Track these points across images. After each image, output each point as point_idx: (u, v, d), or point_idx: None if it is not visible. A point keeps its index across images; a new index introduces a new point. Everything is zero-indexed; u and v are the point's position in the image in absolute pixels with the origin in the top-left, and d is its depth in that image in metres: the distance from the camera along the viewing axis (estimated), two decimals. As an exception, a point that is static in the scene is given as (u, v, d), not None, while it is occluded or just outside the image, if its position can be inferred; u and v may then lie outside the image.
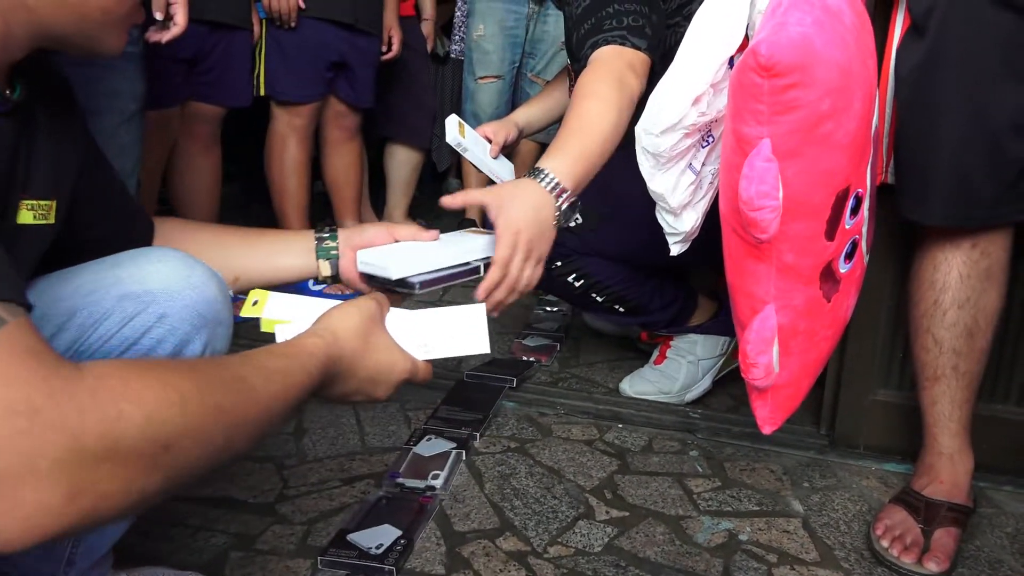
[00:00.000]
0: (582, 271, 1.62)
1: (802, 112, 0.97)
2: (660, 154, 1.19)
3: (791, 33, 0.96)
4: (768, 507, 1.34)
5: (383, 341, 0.86)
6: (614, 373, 1.86)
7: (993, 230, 1.19)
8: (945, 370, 1.23)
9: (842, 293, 1.13)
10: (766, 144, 0.98)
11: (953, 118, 1.14)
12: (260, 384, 0.66)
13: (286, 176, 2.41)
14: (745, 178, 0.99)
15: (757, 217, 1.00)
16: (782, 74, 0.95)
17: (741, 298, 1.12)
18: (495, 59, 2.82)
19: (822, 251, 1.06)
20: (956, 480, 1.24)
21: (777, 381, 1.12)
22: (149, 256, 0.88)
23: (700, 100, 1.14)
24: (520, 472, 1.42)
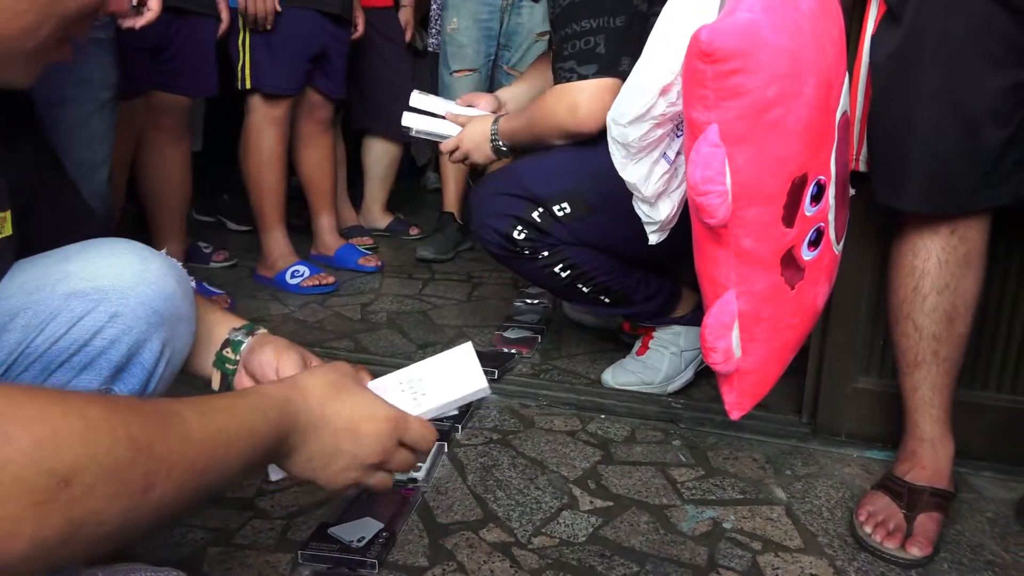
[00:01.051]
0: (568, 261, 1.61)
1: (748, 98, 0.98)
2: (629, 144, 1.19)
3: (737, 19, 0.97)
4: (752, 495, 1.34)
5: (358, 391, 0.74)
6: (596, 364, 1.86)
7: (971, 216, 1.20)
8: (925, 356, 1.24)
9: (808, 281, 1.13)
10: (713, 129, 0.98)
11: (929, 104, 1.14)
12: (193, 419, 0.55)
13: (263, 170, 2.38)
14: (691, 163, 1.00)
15: (703, 202, 1.01)
16: (724, 60, 0.96)
17: (706, 283, 1.13)
18: (470, 52, 2.82)
19: (781, 237, 1.07)
20: (938, 465, 1.25)
21: (742, 367, 1.12)
22: (99, 249, 0.81)
23: (669, 90, 1.14)
24: (503, 463, 1.41)
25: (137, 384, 0.81)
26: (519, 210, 1.58)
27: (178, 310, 0.82)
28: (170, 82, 2.12)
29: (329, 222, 2.69)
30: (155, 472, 0.50)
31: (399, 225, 3.09)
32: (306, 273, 2.39)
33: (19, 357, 0.77)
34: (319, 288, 2.37)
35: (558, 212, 1.57)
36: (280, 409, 0.65)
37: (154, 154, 2.17)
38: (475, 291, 2.44)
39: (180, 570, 1.05)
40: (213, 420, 0.57)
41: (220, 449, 0.56)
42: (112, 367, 0.79)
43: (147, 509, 0.50)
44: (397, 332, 2.07)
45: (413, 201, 3.69)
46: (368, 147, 3.02)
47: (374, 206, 3.10)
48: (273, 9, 2.21)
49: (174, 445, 0.52)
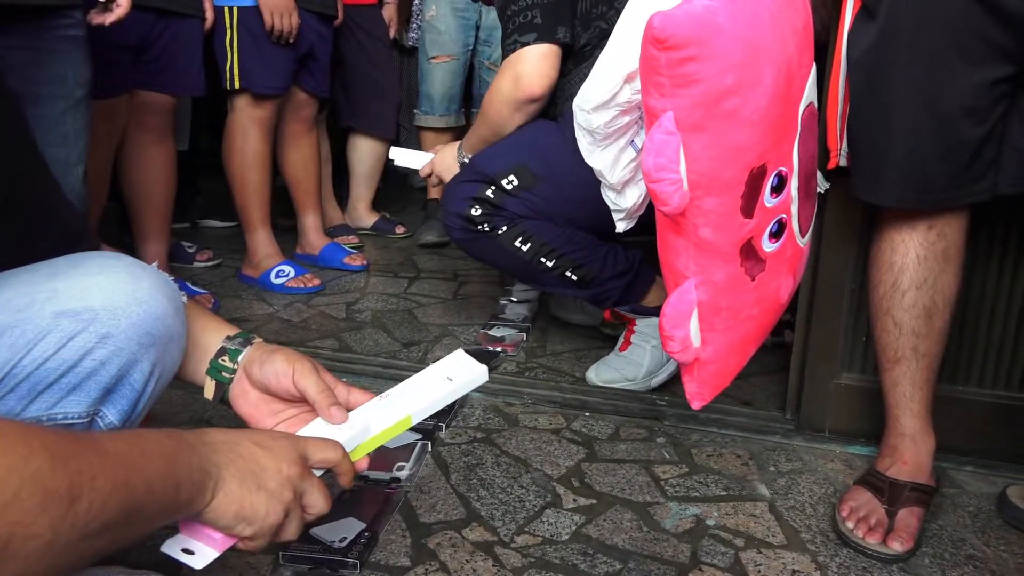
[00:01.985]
0: (527, 233, 1.64)
1: (703, 86, 0.97)
2: (595, 131, 1.19)
3: (693, 7, 0.96)
4: (735, 492, 1.34)
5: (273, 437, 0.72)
6: (581, 362, 1.86)
7: (949, 212, 1.20)
8: (905, 351, 1.24)
9: (769, 273, 1.13)
10: (668, 117, 0.98)
11: (905, 101, 1.14)
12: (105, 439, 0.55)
13: (247, 169, 2.37)
14: (646, 150, 1.00)
15: (657, 189, 1.00)
16: (677, 47, 0.95)
17: (667, 272, 1.13)
18: (447, 39, 2.89)
19: (739, 228, 1.06)
20: (919, 460, 1.25)
21: (702, 356, 1.12)
22: (88, 266, 0.79)
23: (634, 77, 1.13)
24: (486, 462, 1.41)
25: (127, 405, 0.80)
26: (473, 191, 1.65)
27: (169, 330, 0.80)
28: (154, 81, 2.10)
29: (314, 221, 2.68)
30: (78, 483, 0.49)
31: (385, 224, 3.08)
32: (291, 273, 2.38)
33: (5, 377, 0.74)
34: (304, 289, 2.36)
35: (507, 186, 1.63)
36: (191, 435, 0.64)
37: (138, 153, 2.15)
38: (461, 289, 2.44)
39: (159, 572, 1.04)
40: (124, 439, 0.56)
41: (138, 462, 0.55)
42: (101, 388, 0.77)
43: (76, 521, 0.48)
44: (382, 331, 2.06)
45: (399, 200, 3.68)
46: (353, 145, 3.01)
47: (359, 205, 3.09)
48: (297, 24, 2.22)
49: (91, 458, 0.51)
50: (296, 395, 0.85)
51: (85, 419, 0.78)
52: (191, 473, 0.61)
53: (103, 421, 0.80)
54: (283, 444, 0.71)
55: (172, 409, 1.53)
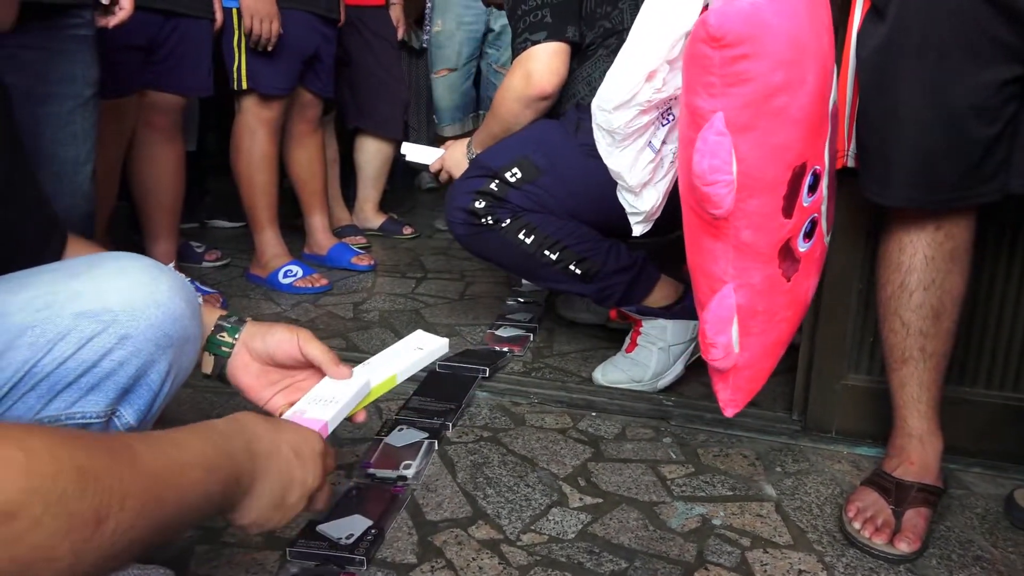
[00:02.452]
0: (531, 226, 1.63)
1: (754, 84, 0.96)
2: (615, 131, 1.18)
3: (741, 4, 0.96)
4: (741, 492, 1.34)
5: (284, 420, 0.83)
6: (587, 363, 1.86)
7: (957, 212, 1.20)
8: (913, 352, 1.24)
9: (802, 273, 1.13)
10: (719, 117, 0.97)
11: (914, 100, 1.14)
12: (143, 449, 0.53)
13: (255, 170, 2.38)
14: (698, 152, 0.98)
15: (711, 192, 0.99)
16: (732, 44, 0.94)
17: (700, 278, 1.11)
18: (449, 53, 3.00)
19: (780, 228, 1.06)
20: (926, 461, 1.25)
21: (738, 362, 1.11)
22: (108, 266, 0.81)
23: (655, 76, 1.13)
24: (493, 461, 1.41)
25: (143, 405, 0.82)
26: (478, 185, 1.66)
27: (186, 331, 0.82)
28: (163, 81, 2.11)
29: (321, 221, 2.68)
30: (106, 504, 0.47)
31: (392, 225, 3.09)
32: (299, 273, 2.39)
33: (25, 376, 0.75)
34: (311, 289, 2.36)
35: (511, 179, 1.64)
36: (232, 438, 0.65)
37: (147, 153, 2.16)
38: (468, 290, 2.44)
39: (168, 568, 1.05)
40: (163, 451, 0.55)
41: (174, 478, 0.55)
42: (119, 389, 0.79)
43: (102, 543, 0.47)
44: (389, 331, 2.07)
45: (406, 201, 3.68)
46: (361, 146, 3.02)
47: (367, 205, 3.09)
48: (278, 31, 2.22)
49: (125, 474, 0.49)
50: (300, 361, 0.94)
51: (102, 418, 0.79)
52: (227, 486, 0.63)
53: (120, 421, 0.81)
54: (313, 452, 0.76)
55: (181, 407, 1.54)
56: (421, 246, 2.96)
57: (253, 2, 2.17)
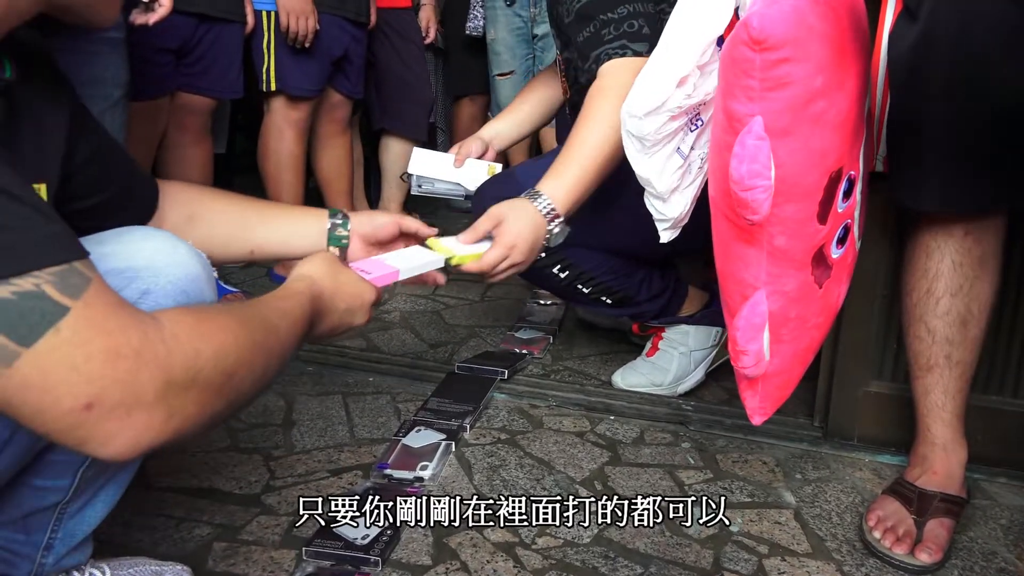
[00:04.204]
0: (566, 261, 1.60)
1: (795, 88, 0.95)
2: (645, 137, 1.17)
3: (783, 6, 0.93)
4: (760, 498, 1.33)
5: (349, 277, 0.98)
6: (607, 366, 1.85)
7: (986, 218, 1.18)
8: (938, 359, 1.22)
9: (834, 279, 1.11)
10: (758, 122, 0.95)
11: (947, 102, 1.12)
12: (279, 322, 0.80)
13: (282, 169, 2.40)
14: (736, 157, 0.96)
15: (748, 197, 0.97)
16: (774, 47, 0.92)
17: (731, 284, 1.10)
18: (507, 58, 3.20)
19: (814, 235, 1.04)
20: (949, 471, 1.23)
21: (768, 370, 1.09)
22: (134, 234, 0.89)
23: (686, 82, 1.12)
24: (510, 463, 1.41)
25: None
26: None
27: (202, 292, 0.89)
28: (195, 83, 2.14)
29: (346, 222, 2.70)
30: (266, 362, 0.76)
31: None
32: (321, 272, 2.40)
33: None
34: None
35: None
36: (311, 304, 0.88)
37: (176, 154, 2.19)
38: (488, 291, 2.44)
39: (185, 565, 1.06)
40: (286, 320, 0.81)
41: (292, 338, 0.82)
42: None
43: (261, 384, 0.76)
44: (409, 331, 2.07)
45: (430, 202, 3.69)
46: (386, 147, 3.03)
47: (391, 206, 3.10)
48: (314, 28, 2.24)
49: (273, 342, 0.77)
50: (397, 236, 1.20)
51: None
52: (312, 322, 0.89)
53: None
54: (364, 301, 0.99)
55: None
56: (443, 247, 2.96)
57: (290, 0, 2.19)
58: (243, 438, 1.47)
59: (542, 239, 1.27)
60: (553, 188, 1.28)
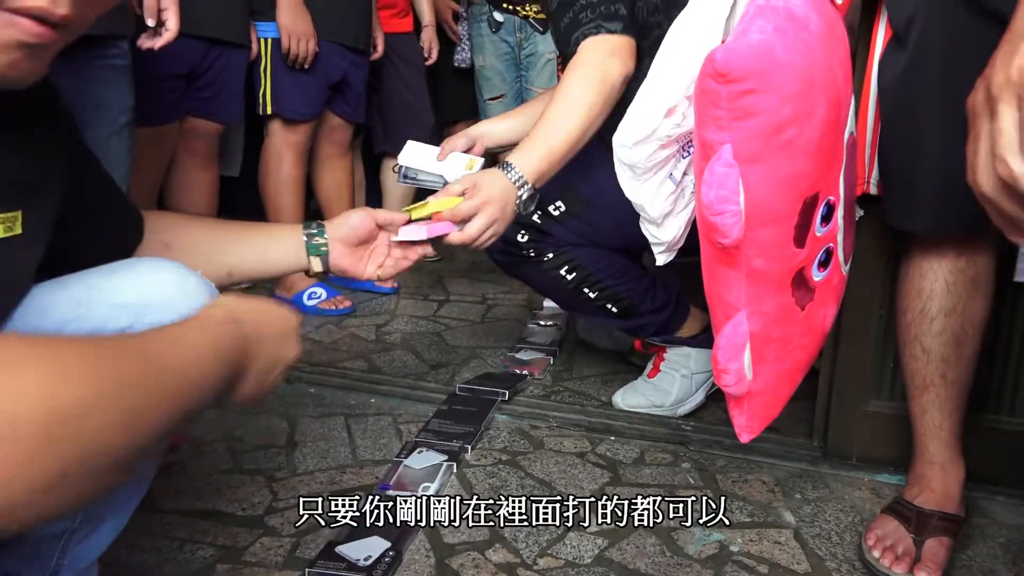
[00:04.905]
0: (574, 262, 1.61)
1: (762, 118, 0.98)
2: (635, 165, 1.20)
3: (750, 40, 0.98)
4: (760, 518, 1.34)
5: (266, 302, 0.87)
6: (607, 387, 1.86)
7: (978, 239, 1.20)
8: (934, 379, 1.23)
9: (817, 302, 1.13)
10: (727, 149, 0.99)
11: (937, 126, 1.14)
12: (168, 348, 0.61)
13: (281, 192, 2.43)
14: (706, 183, 1.00)
15: (718, 222, 1.01)
16: (738, 80, 0.96)
17: (716, 304, 1.12)
18: (497, 82, 3.30)
19: (792, 258, 1.07)
20: (947, 489, 1.24)
21: (752, 388, 1.12)
22: (143, 265, 0.89)
23: (674, 112, 1.15)
24: (511, 484, 1.42)
25: None
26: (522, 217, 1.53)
27: None
28: (203, 108, 2.17)
29: (346, 244, 2.72)
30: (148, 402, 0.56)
31: None
32: (323, 295, 2.42)
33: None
34: (335, 311, 2.40)
35: (554, 212, 1.59)
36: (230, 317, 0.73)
37: (183, 177, 2.22)
38: (489, 312, 2.46)
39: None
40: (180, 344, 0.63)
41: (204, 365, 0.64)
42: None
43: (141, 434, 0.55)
44: (411, 353, 2.09)
45: (431, 223, 3.72)
46: (387, 169, 3.06)
47: (391, 228, 3.13)
48: (315, 50, 2.28)
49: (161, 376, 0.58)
50: (374, 227, 1.18)
51: None
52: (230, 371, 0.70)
53: None
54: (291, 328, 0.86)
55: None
56: (444, 268, 2.98)
57: (290, 22, 2.24)
58: (246, 459, 1.48)
59: (513, 202, 1.31)
60: (521, 160, 1.33)
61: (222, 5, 2.10)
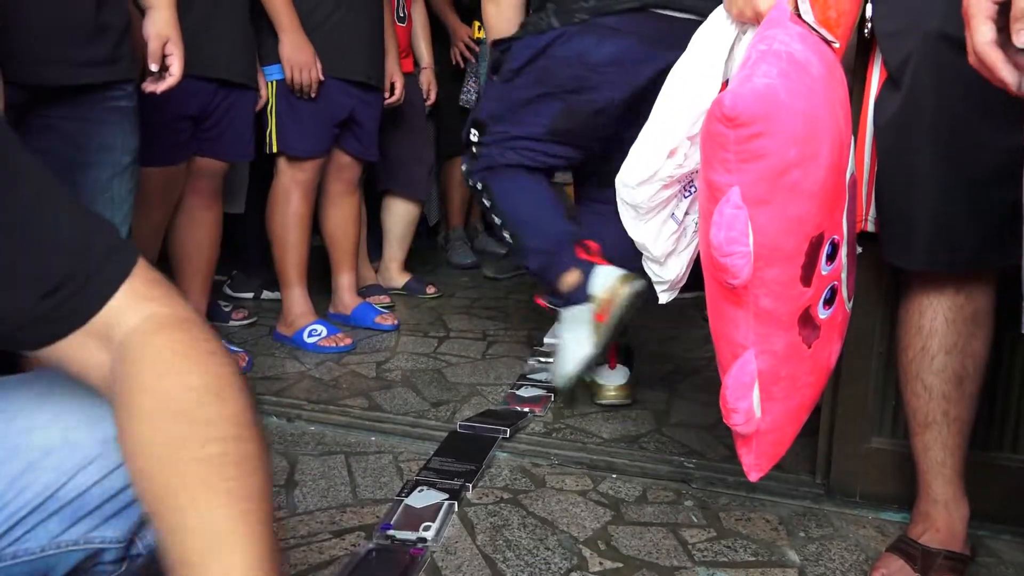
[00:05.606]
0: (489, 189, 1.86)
1: (769, 160, 0.99)
2: (639, 205, 1.21)
3: (756, 84, 0.99)
4: (764, 557, 1.33)
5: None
6: (608, 423, 1.86)
7: (977, 275, 1.20)
8: (936, 416, 1.23)
9: (823, 339, 1.14)
10: (735, 191, 1.00)
11: (933, 166, 1.16)
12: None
13: (288, 229, 2.45)
14: (715, 224, 1.01)
15: (728, 263, 1.02)
16: (747, 124, 0.98)
17: (722, 343, 1.13)
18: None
19: (799, 297, 1.07)
20: (952, 528, 1.23)
21: (760, 427, 1.11)
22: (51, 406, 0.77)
23: (676, 153, 1.17)
24: (513, 523, 1.41)
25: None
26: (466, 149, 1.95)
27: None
28: (209, 147, 2.20)
29: (349, 281, 2.73)
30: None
31: (416, 284, 3.13)
32: (323, 332, 2.43)
33: (47, 500, 0.74)
34: (335, 348, 2.40)
35: (474, 139, 1.89)
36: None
37: (187, 217, 2.23)
38: (489, 349, 2.46)
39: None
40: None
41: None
42: (141, 515, 0.77)
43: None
44: (411, 390, 2.08)
45: (430, 260, 3.73)
46: (388, 207, 3.09)
47: (392, 265, 3.15)
48: (317, 79, 2.32)
49: None
50: None
51: (122, 544, 0.78)
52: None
53: (142, 543, 0.79)
54: None
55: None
56: (444, 305, 2.99)
57: (292, 53, 2.27)
58: (246, 499, 1.47)
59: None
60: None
61: (231, 47, 2.13)
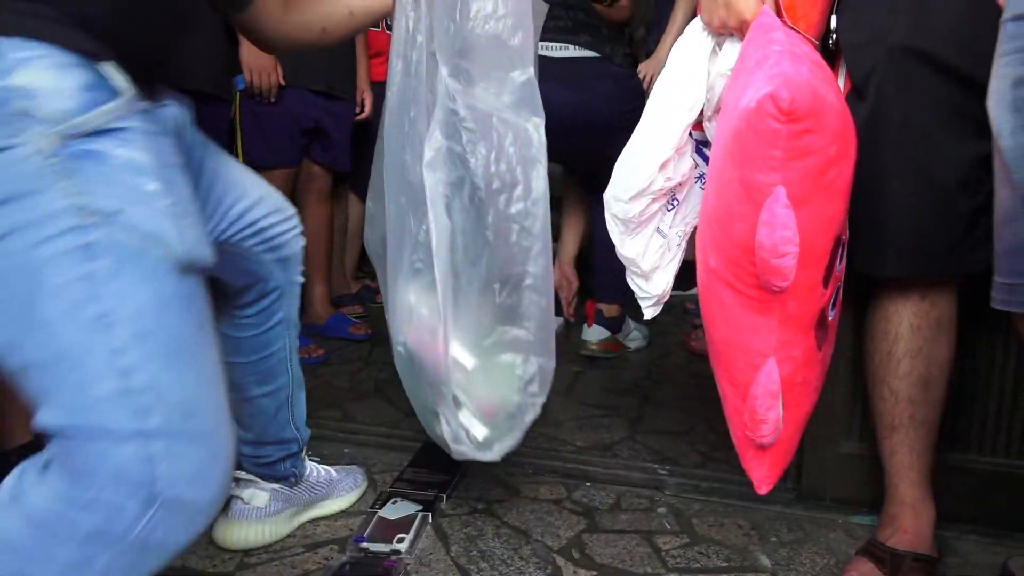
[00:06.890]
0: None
1: (814, 158, 0.97)
2: (630, 220, 1.20)
3: (799, 79, 0.96)
4: (736, 562, 1.34)
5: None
6: (581, 431, 1.86)
7: (941, 283, 1.23)
8: (902, 420, 1.25)
9: (828, 341, 1.13)
10: (781, 191, 0.97)
11: (899, 177, 1.18)
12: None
13: None
14: (766, 225, 0.98)
15: (780, 264, 0.98)
16: (801, 119, 0.95)
17: (736, 353, 1.09)
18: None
19: (820, 299, 1.05)
20: (919, 530, 1.25)
21: (779, 437, 1.10)
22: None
23: (667, 165, 1.16)
24: (487, 534, 1.40)
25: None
26: None
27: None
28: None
29: (321, 291, 2.71)
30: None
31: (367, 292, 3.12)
32: (296, 344, 2.41)
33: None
34: (308, 359, 2.38)
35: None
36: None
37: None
38: (464, 358, 2.45)
39: None
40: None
41: None
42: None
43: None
44: (384, 400, 2.07)
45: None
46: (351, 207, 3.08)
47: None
48: (277, 83, 2.31)
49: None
50: None
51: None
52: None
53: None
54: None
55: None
56: (418, 315, 2.98)
57: (251, 57, 2.26)
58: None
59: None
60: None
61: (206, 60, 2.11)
